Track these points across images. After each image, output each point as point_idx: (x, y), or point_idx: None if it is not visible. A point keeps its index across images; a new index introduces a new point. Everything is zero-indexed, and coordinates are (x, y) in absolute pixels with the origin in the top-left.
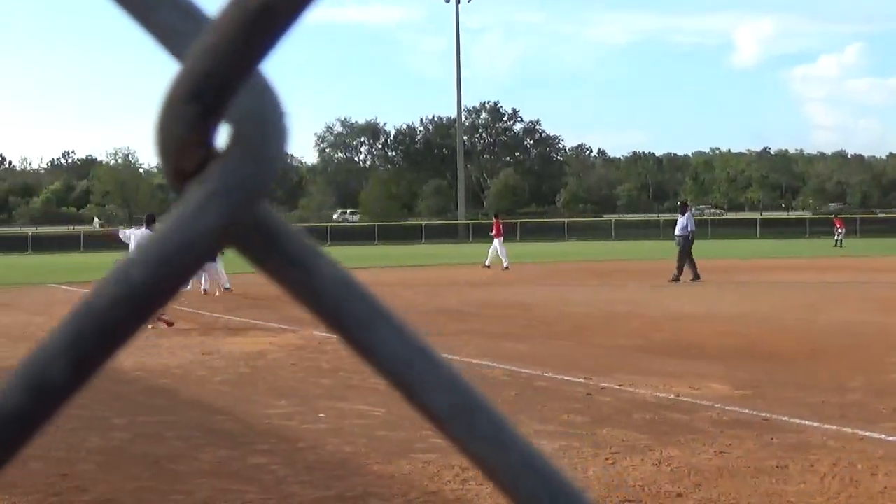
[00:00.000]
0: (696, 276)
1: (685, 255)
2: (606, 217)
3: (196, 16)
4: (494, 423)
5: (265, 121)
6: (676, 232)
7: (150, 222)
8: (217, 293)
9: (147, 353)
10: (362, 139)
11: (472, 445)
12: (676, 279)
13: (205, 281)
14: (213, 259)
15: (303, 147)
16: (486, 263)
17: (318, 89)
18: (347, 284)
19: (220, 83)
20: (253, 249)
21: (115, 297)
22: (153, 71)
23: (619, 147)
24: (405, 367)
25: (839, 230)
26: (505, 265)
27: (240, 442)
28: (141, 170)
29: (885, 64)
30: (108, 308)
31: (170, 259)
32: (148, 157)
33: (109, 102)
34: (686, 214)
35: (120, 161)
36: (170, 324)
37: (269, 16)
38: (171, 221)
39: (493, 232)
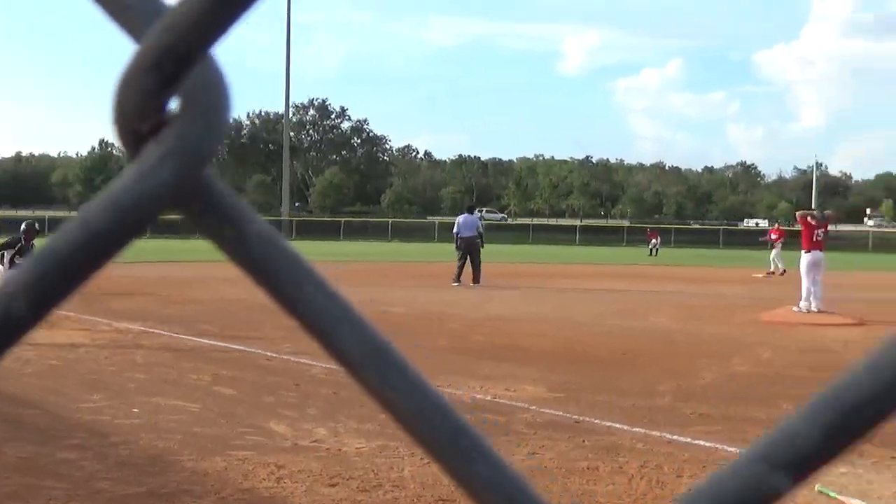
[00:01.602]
0: (458, 280)
1: (475, 256)
2: (430, 219)
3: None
4: (400, 368)
5: (213, 91)
6: (465, 235)
7: None
8: None
9: None
10: None
11: (381, 388)
12: (475, 281)
13: None
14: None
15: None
16: None
17: None
18: (276, 244)
19: (180, 56)
20: (193, 207)
21: (76, 241)
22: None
23: (445, 150)
24: (326, 317)
25: (654, 241)
26: None
27: (49, 436)
28: None
29: (703, 80)
30: (69, 252)
31: (127, 209)
32: None
33: None
34: (464, 216)
35: None
36: None
37: (226, 8)
38: (129, 175)
39: None
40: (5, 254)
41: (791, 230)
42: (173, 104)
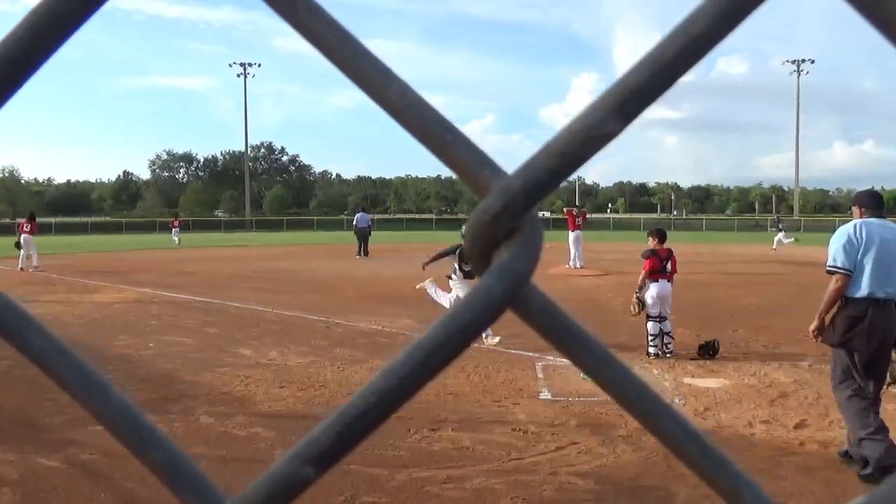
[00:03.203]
0: (359, 254)
1: (366, 239)
2: (341, 216)
3: None
4: (100, 388)
5: None
6: (360, 225)
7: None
8: (30, 270)
9: (26, 305)
10: (181, 164)
11: (87, 403)
12: (365, 254)
13: (22, 261)
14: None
15: (140, 168)
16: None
17: (151, 129)
18: (7, 305)
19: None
20: None
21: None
22: (31, 104)
23: (350, 171)
24: (45, 355)
25: None
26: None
27: (94, 364)
28: (23, 181)
29: (507, 127)
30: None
31: None
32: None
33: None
34: (359, 214)
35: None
36: None
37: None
38: None
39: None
40: (453, 261)
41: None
42: None
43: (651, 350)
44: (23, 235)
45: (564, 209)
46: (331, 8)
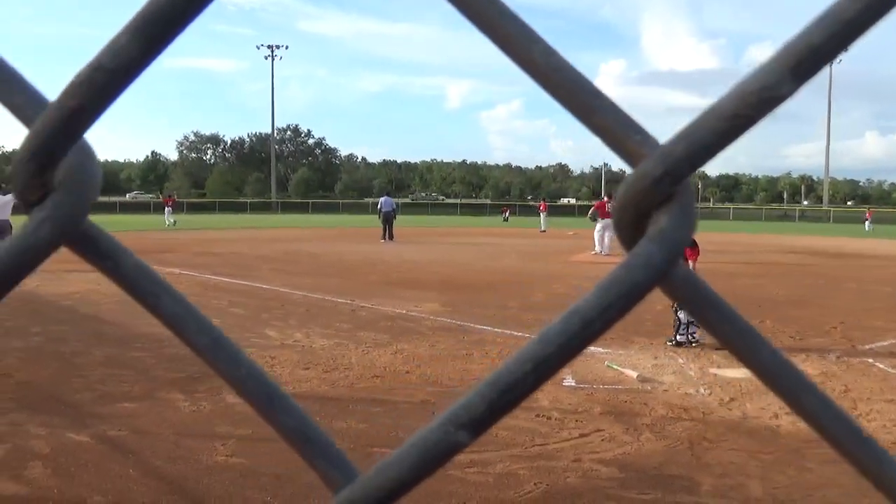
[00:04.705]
0: (384, 238)
1: (388, 223)
2: (366, 199)
3: (39, 102)
4: (229, 352)
5: (82, 170)
6: (385, 209)
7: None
8: None
9: (55, 283)
10: (208, 145)
11: (216, 366)
12: (390, 238)
13: None
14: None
15: (168, 149)
16: None
17: (179, 111)
18: (141, 268)
19: (50, 151)
20: (81, 249)
21: None
22: (59, 84)
23: (375, 155)
24: (178, 319)
25: (506, 213)
26: None
27: (122, 342)
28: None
29: (533, 112)
30: None
31: (12, 258)
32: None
33: None
34: (384, 198)
35: None
36: None
37: (79, 117)
38: (18, 232)
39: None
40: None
41: (553, 204)
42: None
43: (679, 338)
44: None
45: (604, 197)
46: None
